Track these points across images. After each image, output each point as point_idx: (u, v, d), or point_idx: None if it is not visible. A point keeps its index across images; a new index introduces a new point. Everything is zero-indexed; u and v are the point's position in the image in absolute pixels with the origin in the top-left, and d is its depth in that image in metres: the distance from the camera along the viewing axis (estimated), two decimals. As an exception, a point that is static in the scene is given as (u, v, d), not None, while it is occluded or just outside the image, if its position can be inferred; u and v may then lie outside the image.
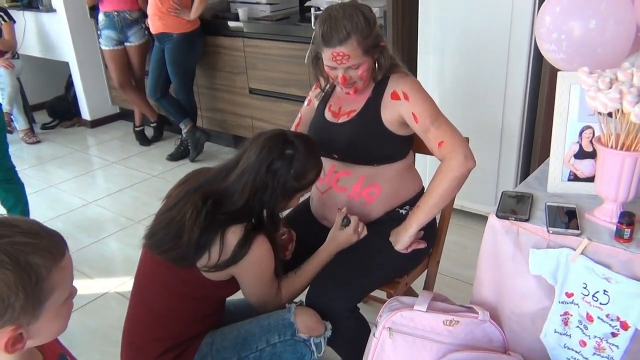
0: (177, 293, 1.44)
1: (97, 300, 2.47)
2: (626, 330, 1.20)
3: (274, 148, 1.42)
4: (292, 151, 1.43)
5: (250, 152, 1.43)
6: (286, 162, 1.41)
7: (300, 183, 1.45)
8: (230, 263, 1.37)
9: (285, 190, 1.44)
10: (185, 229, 1.36)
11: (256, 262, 1.41)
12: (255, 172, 1.40)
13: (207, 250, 1.35)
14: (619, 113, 1.14)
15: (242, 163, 1.43)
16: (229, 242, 1.36)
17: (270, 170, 1.40)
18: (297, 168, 1.42)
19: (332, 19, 1.51)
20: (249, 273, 1.44)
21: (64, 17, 4.30)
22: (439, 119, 1.56)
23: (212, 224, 1.36)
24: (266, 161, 1.40)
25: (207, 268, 1.37)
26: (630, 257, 1.16)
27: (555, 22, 1.42)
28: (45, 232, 0.93)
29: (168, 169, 3.85)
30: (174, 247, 1.38)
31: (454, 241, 2.59)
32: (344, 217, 1.61)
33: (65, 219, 3.23)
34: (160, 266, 1.44)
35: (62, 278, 0.92)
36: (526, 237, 1.31)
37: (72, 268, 0.97)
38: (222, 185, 1.43)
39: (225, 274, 1.41)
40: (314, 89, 1.80)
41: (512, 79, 2.45)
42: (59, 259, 0.92)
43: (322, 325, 1.50)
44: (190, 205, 1.38)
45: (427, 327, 1.43)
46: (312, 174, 1.48)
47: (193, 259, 1.37)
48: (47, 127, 4.77)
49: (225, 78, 3.80)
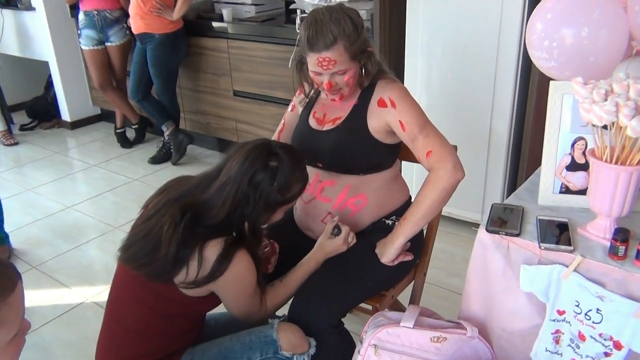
0: (153, 309, 1.37)
1: (73, 310, 2.39)
2: (619, 350, 1.16)
3: (258, 159, 1.35)
4: (277, 163, 1.36)
5: (233, 162, 1.37)
6: (269, 174, 1.35)
7: (284, 196, 1.39)
8: (209, 279, 1.31)
9: (268, 204, 1.38)
10: (162, 243, 1.29)
11: (237, 278, 1.35)
12: (237, 184, 1.34)
13: (184, 266, 1.29)
14: (614, 126, 1.09)
15: (224, 174, 1.37)
16: (208, 258, 1.29)
17: (253, 182, 1.34)
18: (281, 181, 1.36)
19: (318, 22, 1.46)
20: (229, 289, 1.37)
21: (43, 16, 4.20)
22: (427, 127, 1.51)
23: (190, 238, 1.29)
24: (249, 173, 1.34)
25: (185, 285, 1.31)
26: (625, 275, 1.12)
27: (547, 30, 1.38)
28: None
29: (150, 172, 3.77)
30: (149, 262, 1.31)
31: (442, 249, 2.55)
32: (335, 226, 1.55)
33: (43, 225, 3.13)
34: (136, 281, 1.37)
35: (9, 315, 0.85)
36: (517, 252, 1.27)
37: (24, 302, 0.90)
38: (202, 197, 1.37)
39: (204, 290, 1.35)
40: (298, 94, 1.74)
41: (500, 85, 2.42)
42: (7, 294, 0.85)
43: (305, 342, 1.45)
44: (168, 218, 1.31)
45: (414, 344, 1.38)
46: (297, 187, 1.41)
47: (170, 275, 1.31)
48: (26, 129, 4.66)
49: (208, 80, 3.73)
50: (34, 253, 2.84)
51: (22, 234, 3.02)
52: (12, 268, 0.88)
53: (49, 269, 2.69)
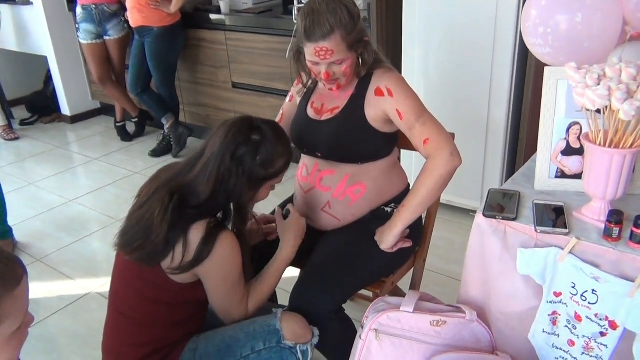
0: (148, 298, 1.39)
1: (78, 301, 2.42)
2: (615, 329, 1.18)
3: (239, 134, 1.36)
4: (259, 137, 1.37)
5: (216, 138, 1.37)
6: (252, 148, 1.35)
7: (267, 171, 1.39)
8: (195, 263, 1.31)
9: (252, 179, 1.37)
10: (153, 227, 1.31)
11: (222, 261, 1.34)
12: (219, 160, 1.34)
13: (172, 249, 1.30)
14: (608, 110, 1.11)
15: (208, 151, 1.37)
16: (192, 241, 1.30)
17: (236, 157, 1.34)
18: (264, 155, 1.36)
19: (315, 12, 1.47)
20: (214, 273, 1.37)
21: (41, 10, 4.20)
22: (424, 116, 1.52)
23: (179, 220, 1.30)
24: (231, 147, 1.34)
25: (171, 270, 1.32)
26: (619, 256, 1.15)
27: (542, 16, 1.39)
28: (3, 257, 0.87)
29: (150, 165, 3.78)
30: (142, 245, 1.32)
31: (441, 236, 2.57)
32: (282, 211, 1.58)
33: (45, 218, 3.16)
34: (131, 270, 1.39)
35: (13, 307, 0.86)
36: (514, 236, 1.29)
37: (28, 295, 0.91)
38: (189, 177, 1.37)
39: (190, 274, 1.35)
40: (296, 84, 1.75)
41: (497, 73, 2.43)
42: (13, 286, 0.86)
43: (309, 331, 1.46)
44: (158, 202, 1.32)
45: (414, 328, 1.40)
46: (281, 161, 1.41)
47: (160, 257, 1.32)
48: (26, 123, 4.67)
49: (207, 72, 3.74)
50: (37, 246, 2.86)
51: (26, 227, 3.05)
52: (17, 261, 0.90)
53: (53, 262, 2.72)
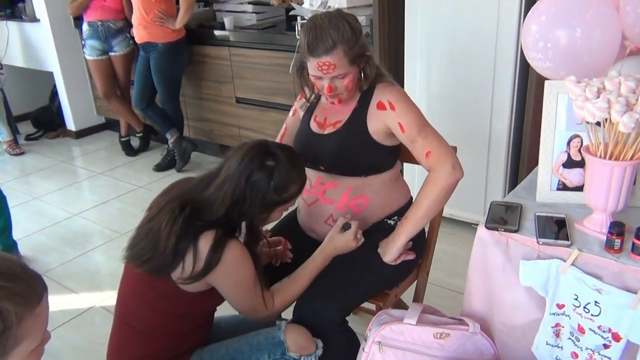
0: (158, 309, 1.40)
1: (82, 315, 2.42)
2: (618, 341, 1.18)
3: (255, 158, 1.38)
4: (274, 163, 1.39)
5: (232, 161, 1.40)
6: (266, 173, 1.38)
7: (280, 196, 1.41)
8: (205, 271, 1.32)
9: (265, 203, 1.40)
10: (161, 237, 1.32)
11: (232, 267, 1.36)
12: (234, 183, 1.37)
13: (182, 260, 1.31)
14: (607, 122, 1.12)
15: (223, 173, 1.40)
16: (202, 250, 1.31)
17: (250, 181, 1.37)
18: (278, 181, 1.39)
19: (318, 28, 1.49)
20: (227, 280, 1.38)
21: (48, 27, 4.26)
22: (426, 129, 1.54)
23: (188, 231, 1.32)
24: (246, 172, 1.37)
25: (182, 280, 1.33)
26: (621, 268, 1.15)
27: (542, 31, 1.41)
28: (25, 274, 0.87)
29: (155, 179, 3.80)
30: (152, 257, 1.34)
31: (444, 250, 2.57)
32: (346, 223, 1.57)
33: (50, 232, 3.17)
34: (141, 281, 1.40)
35: (34, 326, 0.86)
36: (516, 248, 1.29)
37: (48, 313, 0.91)
38: (202, 195, 1.40)
39: (203, 283, 1.36)
40: (299, 99, 1.77)
41: (499, 86, 2.45)
42: (34, 305, 0.86)
43: (313, 343, 1.47)
44: (168, 212, 1.34)
45: (418, 340, 1.41)
46: (294, 187, 1.44)
47: (169, 269, 1.33)
48: (32, 138, 4.71)
49: (211, 87, 3.77)
50: (41, 260, 2.87)
51: (30, 241, 3.06)
52: (39, 279, 0.89)
53: (57, 276, 2.73)
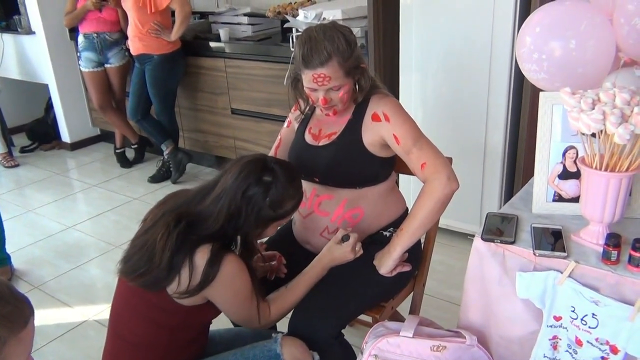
0: (152, 321, 1.38)
1: (76, 329, 2.40)
2: (616, 354, 1.17)
3: (252, 173, 1.38)
4: (271, 178, 1.38)
5: (229, 175, 1.39)
6: (263, 189, 1.37)
7: (276, 212, 1.40)
8: (202, 286, 1.31)
9: (260, 218, 1.39)
10: (156, 251, 1.31)
11: (229, 281, 1.35)
12: (230, 197, 1.36)
13: (177, 275, 1.30)
14: (603, 134, 1.12)
15: (220, 186, 1.39)
16: (198, 264, 1.30)
17: (246, 196, 1.36)
18: (274, 196, 1.38)
19: (313, 40, 1.49)
20: (223, 294, 1.38)
21: (43, 39, 4.25)
22: (421, 140, 1.54)
23: (183, 245, 1.31)
24: (242, 186, 1.36)
25: (179, 295, 1.32)
26: (618, 279, 1.15)
27: (536, 43, 1.41)
28: (12, 297, 0.86)
29: (150, 191, 3.79)
30: (147, 271, 1.33)
31: (440, 261, 2.56)
32: (345, 234, 1.56)
33: (44, 245, 3.15)
34: (135, 294, 1.39)
35: (16, 351, 0.84)
36: (512, 259, 1.29)
37: (33, 337, 0.89)
38: (198, 208, 1.39)
39: (199, 297, 1.35)
40: (293, 110, 1.77)
41: (494, 97, 2.45)
42: (19, 329, 0.84)
43: (309, 356, 1.45)
44: (163, 226, 1.33)
45: (414, 353, 1.39)
46: (290, 204, 1.43)
47: (164, 283, 1.32)
48: (26, 151, 4.69)
49: (206, 99, 3.77)
50: (35, 273, 2.85)
51: (24, 254, 3.03)
52: (26, 302, 0.88)
53: (51, 289, 2.70)
